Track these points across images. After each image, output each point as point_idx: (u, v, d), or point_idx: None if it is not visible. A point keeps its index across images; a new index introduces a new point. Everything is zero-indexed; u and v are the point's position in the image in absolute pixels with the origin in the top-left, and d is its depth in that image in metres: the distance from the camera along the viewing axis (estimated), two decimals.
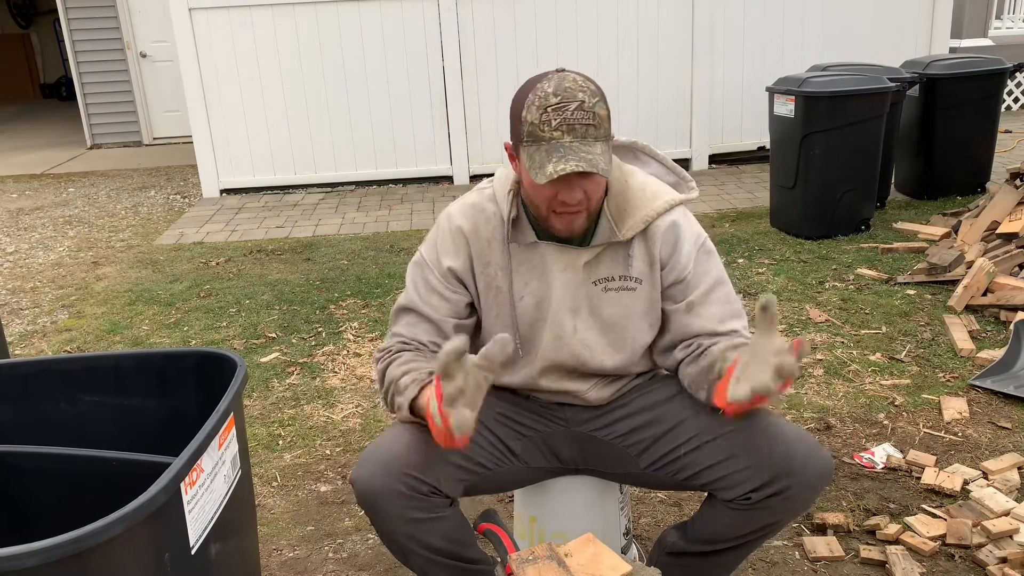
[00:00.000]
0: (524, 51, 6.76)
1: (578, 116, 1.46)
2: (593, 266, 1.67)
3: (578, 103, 1.47)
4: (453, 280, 1.70)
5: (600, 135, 1.49)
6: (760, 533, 1.67)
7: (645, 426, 1.73)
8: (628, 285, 1.68)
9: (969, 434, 2.77)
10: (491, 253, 1.68)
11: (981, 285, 3.77)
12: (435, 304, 1.69)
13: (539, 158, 1.48)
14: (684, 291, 1.67)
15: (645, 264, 1.67)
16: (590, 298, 1.68)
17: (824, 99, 4.67)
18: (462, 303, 1.71)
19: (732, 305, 1.69)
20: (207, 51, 6.61)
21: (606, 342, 1.71)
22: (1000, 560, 2.11)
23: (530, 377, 1.75)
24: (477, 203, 1.71)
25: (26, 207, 6.95)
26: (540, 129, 1.47)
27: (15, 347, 3.89)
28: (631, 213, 1.64)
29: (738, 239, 4.97)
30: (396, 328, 1.73)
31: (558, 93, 1.47)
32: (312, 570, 2.27)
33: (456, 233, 1.70)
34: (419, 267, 1.73)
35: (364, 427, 3.00)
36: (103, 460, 1.57)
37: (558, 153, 1.46)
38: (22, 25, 14.99)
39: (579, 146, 1.46)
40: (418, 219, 5.90)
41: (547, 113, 1.47)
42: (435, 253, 1.71)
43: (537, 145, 1.48)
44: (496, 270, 1.69)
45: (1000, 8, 9.30)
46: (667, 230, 1.66)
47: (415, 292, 1.71)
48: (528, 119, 1.49)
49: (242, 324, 4.03)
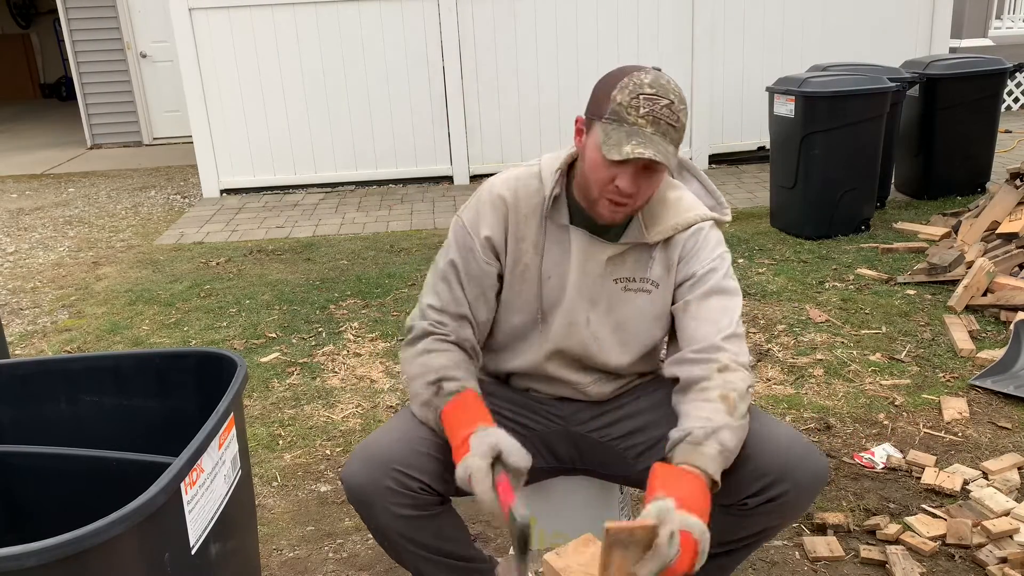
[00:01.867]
0: (524, 51, 6.76)
1: (665, 113, 1.50)
2: (616, 264, 1.68)
3: (668, 102, 1.51)
4: (489, 251, 1.70)
5: (676, 139, 1.53)
6: (758, 537, 1.66)
7: (642, 429, 1.73)
8: (645, 287, 1.69)
9: (969, 434, 2.77)
10: (527, 228, 1.70)
11: (981, 285, 3.77)
12: (473, 272, 1.70)
13: (617, 137, 1.50)
14: (689, 290, 1.66)
15: (663, 268, 1.68)
16: (608, 295, 1.69)
17: (824, 99, 4.67)
18: (494, 274, 1.72)
19: (728, 316, 1.62)
20: (207, 51, 6.61)
21: (616, 340, 1.71)
22: (1000, 560, 2.11)
23: (538, 361, 1.74)
24: (522, 176, 1.72)
25: (26, 207, 6.95)
26: (627, 111, 1.50)
27: (15, 347, 3.89)
28: (663, 219, 1.66)
29: (738, 239, 4.97)
30: (429, 300, 1.72)
31: (654, 86, 1.51)
32: (312, 570, 2.27)
33: (497, 201, 1.71)
34: (461, 231, 1.73)
35: (364, 427, 3.00)
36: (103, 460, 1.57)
37: (638, 138, 1.49)
38: (22, 25, 14.99)
39: (658, 139, 1.50)
40: (418, 219, 5.90)
41: (639, 99, 1.50)
42: (475, 220, 1.72)
43: (619, 125, 1.51)
44: (528, 246, 1.70)
45: (1000, 8, 9.30)
46: (690, 236, 1.67)
47: (457, 252, 1.71)
48: (617, 98, 1.51)
49: (242, 324, 4.03)
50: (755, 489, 1.55)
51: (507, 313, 1.73)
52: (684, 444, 1.48)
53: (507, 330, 1.75)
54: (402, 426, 1.66)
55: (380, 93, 6.80)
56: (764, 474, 1.54)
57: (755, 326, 3.70)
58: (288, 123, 6.82)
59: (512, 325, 1.73)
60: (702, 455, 1.45)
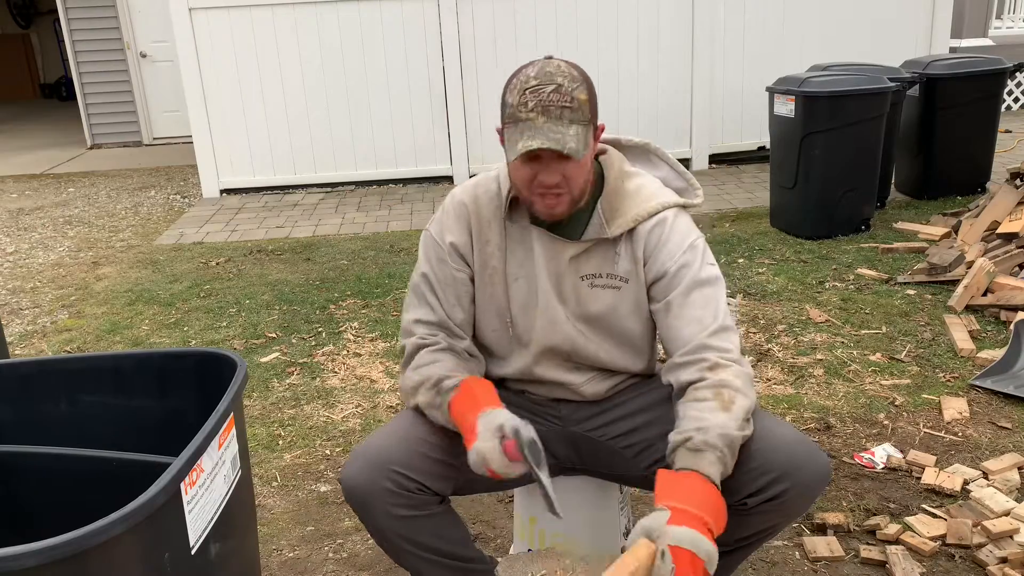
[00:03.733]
0: (524, 51, 6.75)
1: (554, 98, 1.49)
2: (581, 261, 1.68)
3: (555, 86, 1.50)
4: (456, 256, 1.73)
5: (577, 118, 1.51)
6: (758, 536, 1.66)
7: (640, 428, 1.73)
8: (614, 283, 1.68)
9: (969, 434, 2.77)
10: (490, 232, 1.71)
11: (981, 285, 3.76)
12: (445, 280, 1.73)
13: (514, 136, 1.52)
14: (666, 289, 1.65)
15: (630, 263, 1.67)
16: (577, 292, 1.69)
17: (824, 99, 4.67)
18: (465, 279, 1.74)
19: (712, 309, 1.60)
20: (207, 51, 6.61)
21: (595, 333, 1.71)
22: (1000, 560, 2.11)
23: (526, 365, 1.75)
24: (481, 182, 1.76)
25: (26, 207, 6.95)
26: (518, 110, 1.51)
27: (15, 347, 3.89)
28: (623, 212, 1.65)
29: (738, 239, 4.97)
30: (412, 315, 1.76)
31: (538, 76, 1.51)
32: (312, 570, 2.27)
33: (459, 207, 1.74)
34: (430, 241, 1.77)
35: (364, 427, 3.00)
36: (103, 460, 1.57)
37: (530, 131, 1.50)
38: (22, 25, 14.99)
39: (551, 126, 1.49)
40: (418, 219, 5.90)
41: (525, 95, 1.51)
42: (440, 229, 1.75)
43: (515, 125, 1.52)
44: (494, 248, 1.71)
45: (1000, 8, 9.30)
46: (653, 228, 1.66)
47: (427, 264, 1.76)
48: (509, 101, 1.54)
49: (242, 324, 4.03)
50: (756, 488, 1.54)
51: (483, 317, 1.75)
52: (683, 450, 1.48)
53: (488, 335, 1.77)
54: (400, 427, 1.66)
55: (380, 93, 6.80)
56: (765, 472, 1.54)
57: (755, 326, 3.70)
58: (288, 123, 6.82)
59: (491, 329, 1.75)
60: (702, 460, 1.45)
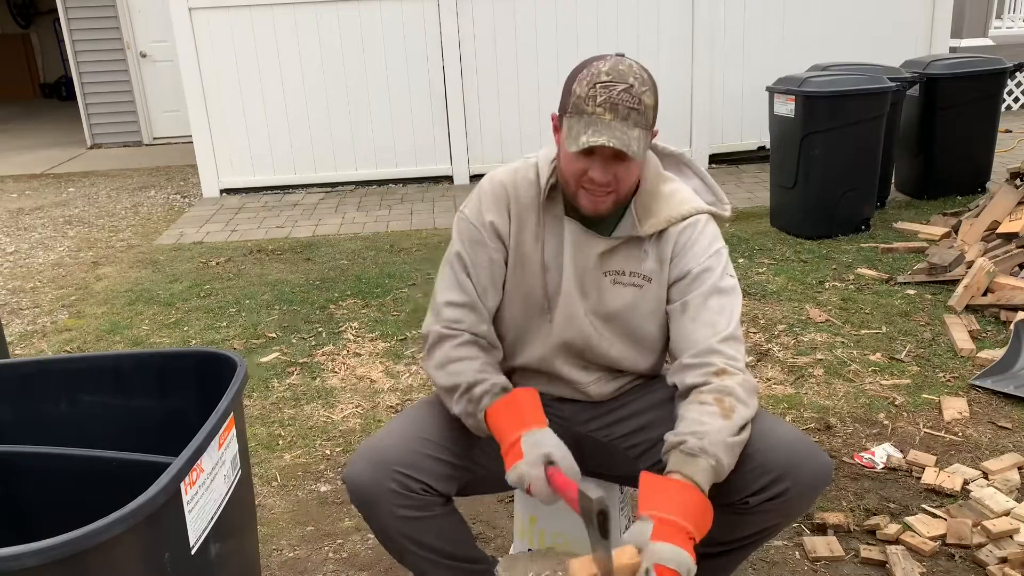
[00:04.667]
0: (524, 51, 6.76)
1: (623, 97, 1.50)
2: (608, 257, 1.68)
3: (626, 85, 1.50)
4: (494, 235, 1.71)
5: (641, 121, 1.52)
6: (759, 536, 1.66)
7: (645, 428, 1.73)
8: (637, 281, 1.68)
9: (969, 434, 2.77)
10: (527, 217, 1.71)
11: (981, 285, 3.76)
12: (480, 262, 1.71)
13: (577, 129, 1.52)
14: (685, 290, 1.66)
15: (656, 262, 1.68)
16: (599, 288, 1.69)
17: (824, 99, 4.67)
18: (501, 260, 1.72)
19: (726, 317, 1.61)
20: (207, 51, 6.61)
21: (610, 331, 1.71)
22: (1000, 560, 2.11)
23: (544, 354, 1.74)
24: (520, 168, 1.75)
25: (26, 207, 6.95)
26: (585, 103, 1.51)
27: (15, 347, 3.89)
28: (655, 213, 1.66)
29: (738, 239, 4.97)
30: (443, 296, 1.72)
31: (610, 73, 1.51)
32: (312, 570, 2.27)
33: (498, 188, 1.72)
34: (465, 223, 1.74)
35: (364, 427, 3.00)
36: (103, 460, 1.57)
37: (595, 127, 1.50)
38: (22, 25, 14.98)
39: (617, 125, 1.50)
40: (418, 219, 5.90)
41: (595, 89, 1.51)
42: (478, 209, 1.73)
43: (579, 117, 1.52)
44: (529, 235, 1.71)
45: (1000, 8, 9.31)
46: (684, 229, 1.67)
47: (461, 245, 1.73)
48: (576, 91, 1.53)
49: (242, 324, 4.03)
50: (757, 487, 1.54)
51: (510, 303, 1.73)
52: (677, 452, 1.48)
53: (510, 322, 1.74)
54: (404, 427, 1.66)
55: (380, 93, 6.80)
56: (766, 472, 1.54)
57: (755, 326, 3.70)
58: (288, 123, 6.82)
59: (514, 316, 1.74)
60: (694, 466, 1.44)
